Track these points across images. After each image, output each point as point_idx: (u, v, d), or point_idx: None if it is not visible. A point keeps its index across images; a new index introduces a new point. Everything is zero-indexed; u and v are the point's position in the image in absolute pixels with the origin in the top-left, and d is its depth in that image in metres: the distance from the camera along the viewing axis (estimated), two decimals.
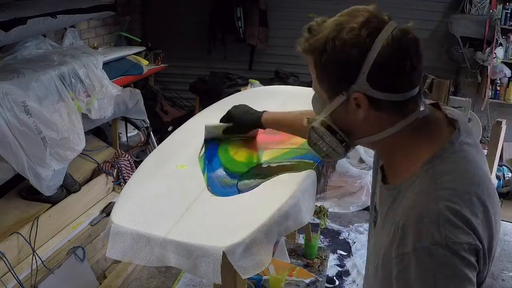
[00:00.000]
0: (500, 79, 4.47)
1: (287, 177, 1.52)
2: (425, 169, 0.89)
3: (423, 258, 0.80)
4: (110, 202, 3.22)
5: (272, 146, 1.76)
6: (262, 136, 1.87)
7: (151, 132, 4.07)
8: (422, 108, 0.92)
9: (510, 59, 4.39)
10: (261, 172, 1.57)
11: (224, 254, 1.19)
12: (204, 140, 1.73)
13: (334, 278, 3.08)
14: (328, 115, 0.95)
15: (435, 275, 0.79)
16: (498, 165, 3.96)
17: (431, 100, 1.02)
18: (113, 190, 3.42)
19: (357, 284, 3.03)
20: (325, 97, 0.94)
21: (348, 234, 3.65)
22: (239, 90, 4.08)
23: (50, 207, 2.85)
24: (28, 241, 2.57)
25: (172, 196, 1.44)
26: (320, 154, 1.01)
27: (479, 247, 0.82)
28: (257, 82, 4.55)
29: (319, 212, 3.32)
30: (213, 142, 1.79)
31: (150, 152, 2.61)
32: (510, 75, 4.43)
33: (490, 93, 4.48)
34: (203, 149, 1.73)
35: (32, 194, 2.82)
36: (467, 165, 0.89)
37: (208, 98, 4.19)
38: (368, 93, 0.87)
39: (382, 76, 0.86)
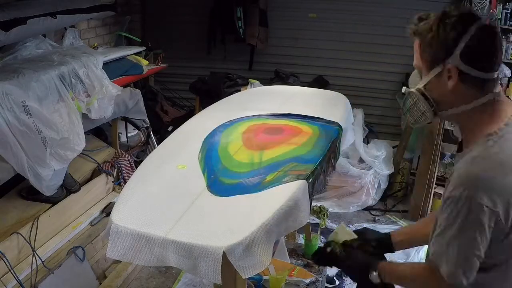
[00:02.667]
0: (500, 79, 4.47)
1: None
2: (482, 141, 1.15)
3: (450, 205, 1.11)
4: (110, 202, 3.21)
5: (272, 146, 1.77)
6: (262, 136, 1.87)
7: (151, 132, 4.06)
8: (497, 90, 1.18)
9: (510, 59, 4.39)
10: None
11: (224, 254, 1.19)
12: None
13: (334, 278, 3.08)
14: (424, 85, 1.21)
15: (456, 218, 1.10)
16: None
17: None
18: (113, 190, 3.41)
19: None
20: (424, 69, 1.21)
21: None
22: (239, 90, 4.08)
23: (50, 207, 2.85)
24: (28, 241, 2.57)
25: (172, 196, 1.44)
26: (412, 117, 1.27)
27: (497, 213, 1.08)
28: (257, 82, 4.55)
29: (319, 212, 3.32)
30: (213, 142, 1.79)
31: (150, 152, 2.62)
32: (510, 75, 4.43)
33: None
34: (203, 149, 1.74)
35: (32, 194, 2.82)
36: None
37: (208, 98, 4.19)
38: (460, 67, 1.14)
39: (472, 54, 1.13)
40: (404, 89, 1.30)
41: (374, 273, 1.36)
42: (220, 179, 1.53)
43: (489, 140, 1.14)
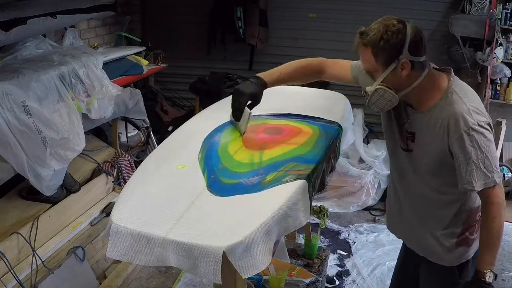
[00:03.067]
0: (500, 79, 4.47)
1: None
2: (449, 93, 1.60)
3: (471, 133, 1.52)
4: (110, 202, 3.22)
5: (272, 146, 1.76)
6: (262, 136, 1.87)
7: (151, 132, 4.07)
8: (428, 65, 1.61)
9: (510, 59, 4.39)
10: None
11: (224, 254, 1.19)
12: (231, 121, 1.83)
13: (334, 278, 3.08)
14: (382, 81, 1.56)
15: (478, 140, 1.52)
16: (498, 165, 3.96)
17: None
18: (113, 190, 3.42)
19: (357, 284, 3.03)
20: (379, 69, 1.56)
21: (348, 234, 3.65)
22: None
23: (50, 207, 2.85)
24: (28, 241, 2.57)
25: (172, 196, 1.44)
26: (378, 107, 1.60)
27: (490, 123, 1.57)
28: None
29: (319, 212, 3.32)
30: (213, 142, 1.79)
31: (150, 152, 2.61)
32: (510, 75, 4.43)
33: (490, 93, 4.47)
34: (203, 149, 1.73)
35: (32, 194, 2.82)
36: (467, 85, 1.66)
37: (208, 98, 4.19)
38: (409, 59, 1.53)
39: (415, 47, 1.53)
40: (367, 88, 1.61)
41: (488, 272, 1.54)
42: (220, 179, 1.53)
43: (449, 90, 1.60)
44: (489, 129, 1.55)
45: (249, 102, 1.79)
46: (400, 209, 1.87)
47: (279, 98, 2.33)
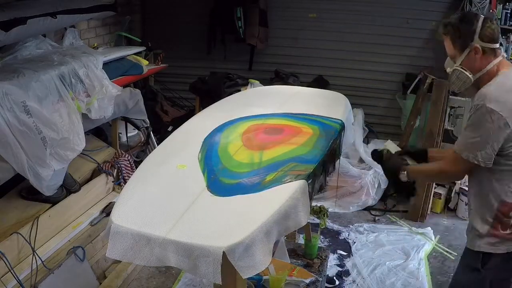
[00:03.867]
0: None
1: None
2: (497, 76, 1.80)
3: (477, 107, 1.72)
4: (110, 202, 3.21)
5: (272, 146, 1.77)
6: (262, 136, 1.87)
7: (151, 132, 4.06)
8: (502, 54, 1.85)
9: (510, 59, 4.39)
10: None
11: (224, 254, 1.19)
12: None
13: (334, 278, 3.08)
14: (460, 63, 1.81)
15: (476, 116, 1.71)
16: None
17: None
18: (113, 190, 3.41)
19: (357, 284, 3.03)
20: (457, 54, 1.82)
21: (348, 234, 3.65)
22: (239, 90, 4.09)
23: (50, 207, 2.85)
24: (28, 241, 2.57)
25: (172, 196, 1.44)
26: (456, 86, 1.85)
27: (505, 119, 1.69)
28: (257, 82, 4.55)
29: (319, 212, 3.32)
30: (213, 142, 1.79)
31: (150, 152, 2.62)
32: None
33: None
34: (203, 149, 1.74)
35: (32, 194, 2.82)
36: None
37: (208, 98, 4.18)
38: (481, 44, 1.78)
39: (485, 35, 1.78)
40: (448, 69, 1.87)
41: (403, 173, 1.91)
42: (220, 179, 1.53)
43: (498, 75, 1.79)
44: (492, 118, 1.68)
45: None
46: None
47: (279, 98, 2.33)
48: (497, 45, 1.82)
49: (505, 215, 1.78)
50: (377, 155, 2.12)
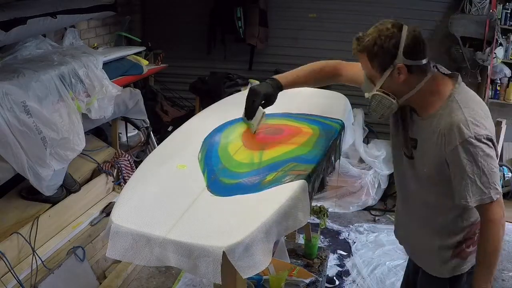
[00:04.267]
0: (500, 79, 4.47)
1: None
2: (449, 101, 1.52)
3: (466, 146, 1.44)
4: (110, 202, 3.22)
5: (272, 146, 1.76)
6: (262, 136, 1.87)
7: (151, 132, 4.06)
8: (431, 70, 1.54)
9: (510, 59, 4.39)
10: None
11: (224, 254, 1.19)
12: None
13: (334, 278, 3.08)
14: (380, 86, 1.52)
15: (474, 154, 1.44)
16: (498, 165, 3.97)
17: None
18: (113, 190, 3.41)
19: (357, 284, 3.03)
20: (377, 75, 1.52)
21: (348, 234, 3.65)
22: (239, 90, 4.07)
23: (50, 207, 2.85)
24: (28, 241, 2.57)
25: (172, 196, 1.44)
26: (379, 113, 1.56)
27: (492, 138, 1.47)
28: (257, 82, 4.53)
29: (319, 212, 3.32)
30: (213, 142, 1.79)
31: (150, 152, 2.61)
32: (510, 75, 4.43)
33: (490, 93, 4.47)
34: (203, 149, 1.74)
35: (32, 194, 2.82)
36: (473, 93, 1.58)
37: (208, 98, 4.18)
38: (405, 62, 1.47)
39: (411, 50, 1.46)
40: (366, 95, 1.58)
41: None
42: (220, 179, 1.53)
43: (450, 98, 1.52)
44: (489, 143, 1.46)
45: (263, 102, 1.82)
46: (402, 215, 1.87)
47: (279, 98, 2.33)
48: (425, 61, 1.50)
49: (472, 233, 1.65)
50: None
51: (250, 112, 1.83)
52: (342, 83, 1.94)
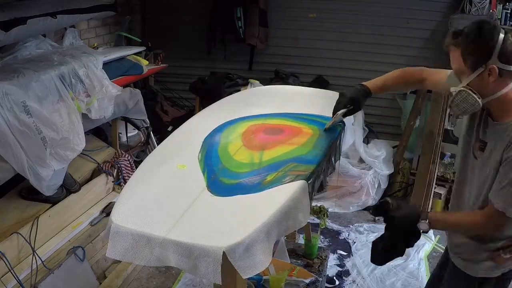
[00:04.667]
0: None
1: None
2: None
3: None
4: (110, 202, 3.22)
5: (272, 146, 1.77)
6: (262, 136, 1.87)
7: (151, 132, 4.07)
8: None
9: None
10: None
11: (224, 254, 1.19)
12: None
13: (334, 278, 3.08)
14: (467, 84, 1.53)
15: None
16: None
17: None
18: (113, 190, 3.42)
19: (357, 284, 3.03)
20: (467, 72, 1.53)
21: (348, 234, 3.65)
22: (239, 90, 4.08)
23: (50, 207, 2.85)
24: (28, 241, 2.57)
25: (172, 196, 1.44)
26: (460, 110, 1.56)
27: None
28: (257, 82, 4.54)
29: (319, 212, 3.32)
30: (213, 142, 1.79)
31: (150, 152, 2.61)
32: None
33: None
34: (203, 149, 1.74)
35: (32, 194, 2.82)
36: None
37: (208, 98, 4.18)
38: (497, 65, 1.48)
39: (506, 55, 1.48)
40: (452, 89, 1.58)
41: (424, 222, 1.58)
42: (220, 179, 1.53)
43: None
44: None
45: (350, 106, 1.91)
46: (454, 206, 1.85)
47: (279, 98, 2.33)
48: None
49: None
50: (381, 208, 1.66)
51: (333, 112, 1.94)
52: (426, 88, 2.12)
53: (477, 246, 1.69)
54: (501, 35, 1.48)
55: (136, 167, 2.15)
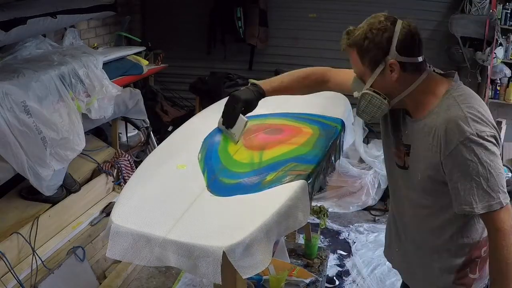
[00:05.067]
0: (500, 79, 4.47)
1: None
2: (445, 98, 1.38)
3: (468, 145, 1.28)
4: (110, 202, 3.22)
5: (272, 146, 1.76)
6: (262, 136, 1.87)
7: (151, 132, 4.07)
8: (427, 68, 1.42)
9: (510, 59, 4.39)
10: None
11: (224, 254, 1.19)
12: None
13: (334, 278, 3.08)
14: (371, 85, 1.39)
15: (479, 153, 1.28)
16: None
17: None
18: (113, 190, 3.41)
19: (357, 284, 3.03)
20: (367, 72, 1.39)
21: (348, 234, 3.65)
22: None
23: (50, 207, 2.85)
24: (28, 241, 2.57)
25: (172, 196, 1.44)
26: (369, 115, 1.44)
27: (496, 134, 1.33)
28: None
29: (319, 212, 3.32)
30: (213, 142, 1.79)
31: (150, 152, 2.61)
32: (510, 75, 4.43)
33: (490, 93, 4.47)
34: (203, 149, 1.73)
35: (32, 194, 2.82)
36: (471, 91, 1.41)
37: (208, 98, 4.19)
38: (398, 59, 1.35)
39: (405, 46, 1.35)
40: (355, 94, 1.46)
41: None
42: (220, 179, 1.53)
43: (446, 95, 1.38)
44: (493, 141, 1.31)
45: (243, 109, 1.70)
46: (396, 235, 1.67)
47: (279, 98, 2.33)
48: (421, 59, 1.39)
49: (476, 255, 1.48)
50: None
51: (230, 120, 1.71)
52: (330, 90, 1.83)
53: (439, 272, 1.51)
54: (397, 26, 1.35)
55: (136, 167, 2.15)
